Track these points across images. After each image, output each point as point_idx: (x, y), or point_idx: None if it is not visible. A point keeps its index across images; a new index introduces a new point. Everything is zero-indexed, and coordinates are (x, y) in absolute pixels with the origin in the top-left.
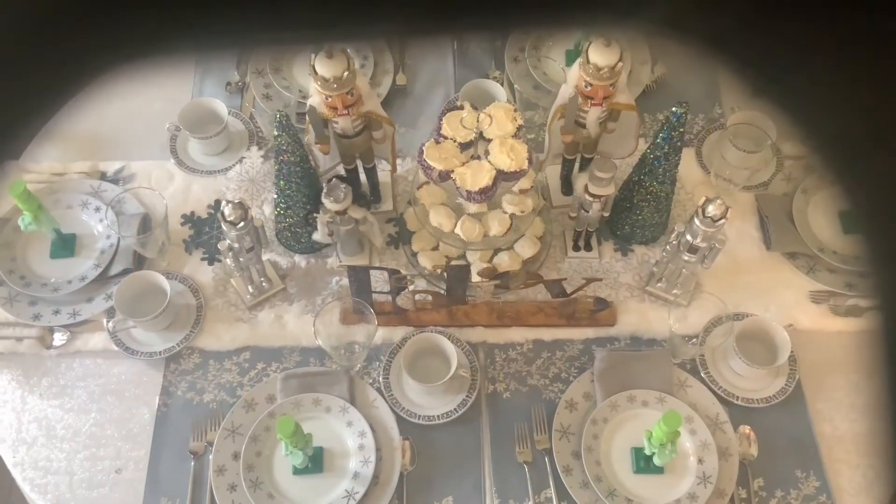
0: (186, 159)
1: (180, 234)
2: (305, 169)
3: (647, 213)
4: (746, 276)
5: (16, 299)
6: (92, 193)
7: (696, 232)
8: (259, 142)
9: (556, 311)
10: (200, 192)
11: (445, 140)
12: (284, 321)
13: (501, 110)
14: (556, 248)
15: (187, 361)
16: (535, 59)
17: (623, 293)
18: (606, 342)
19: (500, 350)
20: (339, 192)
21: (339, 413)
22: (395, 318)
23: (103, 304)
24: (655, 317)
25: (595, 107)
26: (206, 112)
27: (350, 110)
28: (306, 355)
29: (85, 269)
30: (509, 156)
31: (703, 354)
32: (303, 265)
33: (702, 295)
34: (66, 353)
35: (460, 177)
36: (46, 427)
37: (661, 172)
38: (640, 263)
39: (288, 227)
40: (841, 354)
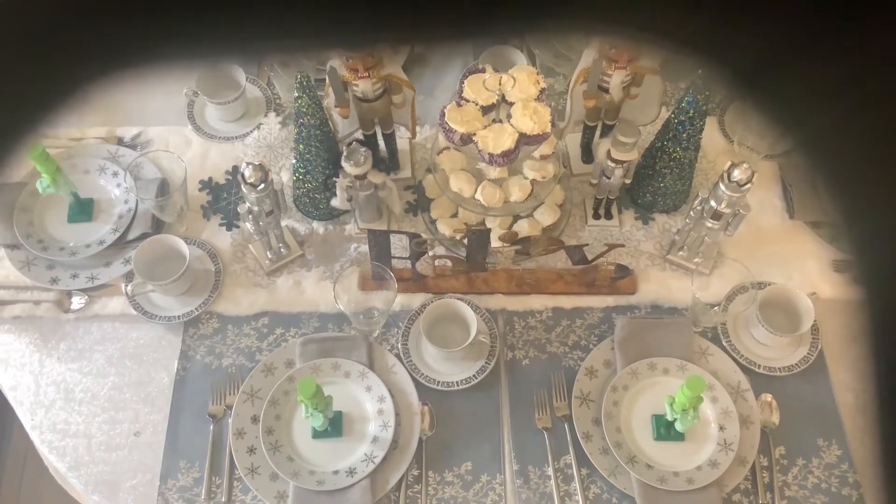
0: (204, 125)
1: (198, 200)
2: (325, 132)
3: (669, 180)
4: (769, 245)
5: (33, 263)
6: (109, 158)
7: (721, 197)
8: (277, 108)
9: (575, 279)
10: (218, 158)
11: (467, 103)
12: (303, 287)
13: (524, 73)
14: (575, 217)
15: (206, 326)
16: None
17: (644, 262)
18: (627, 310)
19: (519, 318)
20: (359, 156)
21: (358, 378)
22: (413, 285)
23: (121, 268)
24: (676, 285)
25: (619, 70)
26: (223, 78)
27: (370, 73)
28: (324, 321)
29: (103, 233)
30: (532, 119)
31: (725, 323)
32: (321, 232)
33: (724, 263)
34: (84, 316)
35: (482, 139)
36: (65, 390)
37: (684, 138)
38: (661, 232)
39: (306, 192)
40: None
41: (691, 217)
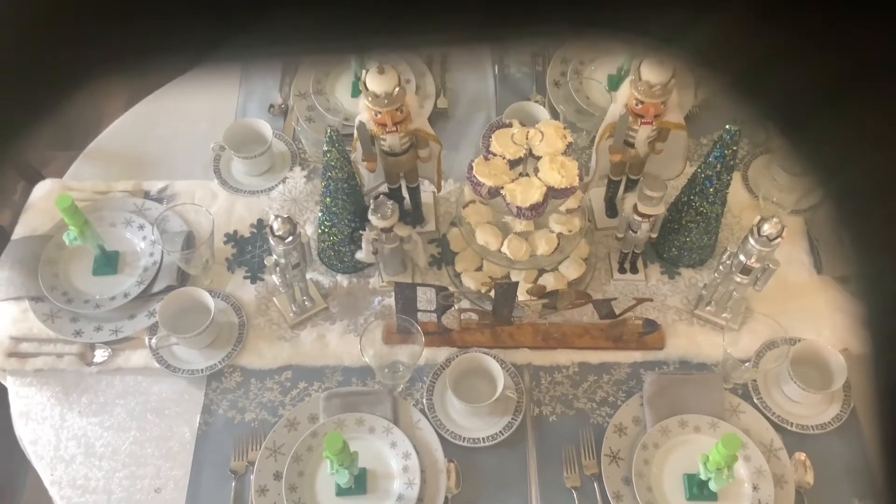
0: (230, 179)
1: (223, 253)
2: (352, 186)
3: (695, 234)
4: (797, 300)
5: (57, 315)
6: (135, 211)
7: (751, 252)
8: (302, 162)
9: (602, 334)
10: (244, 212)
11: (494, 157)
12: (327, 340)
13: (551, 127)
14: (600, 271)
15: (229, 380)
16: (577, 83)
17: (671, 317)
18: (655, 366)
19: (545, 373)
20: (386, 209)
21: (382, 433)
22: (438, 339)
23: (145, 321)
24: (705, 340)
25: (645, 125)
26: (250, 132)
27: (399, 127)
28: (348, 375)
29: (128, 285)
30: (560, 172)
31: (756, 379)
32: (345, 285)
33: (754, 318)
34: (107, 370)
35: (510, 193)
36: (85, 445)
37: (711, 192)
38: (688, 286)
39: (331, 245)
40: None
41: (720, 271)
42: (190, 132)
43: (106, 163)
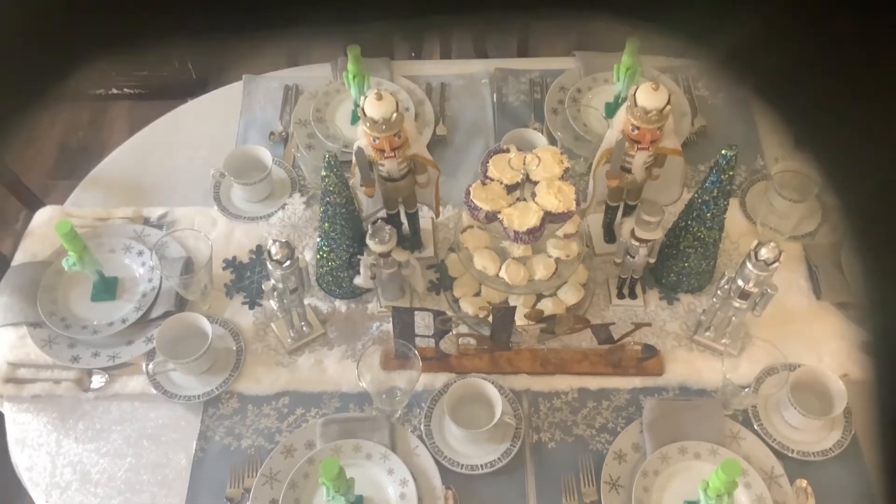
0: (229, 206)
1: (222, 279)
2: (350, 211)
3: (693, 260)
4: (796, 326)
5: (55, 341)
6: (135, 237)
7: (749, 276)
8: (301, 189)
9: (601, 359)
10: (242, 238)
11: (492, 182)
12: (324, 366)
13: (548, 153)
14: (599, 297)
15: (226, 406)
16: (574, 110)
17: (670, 342)
18: (654, 392)
19: (544, 398)
20: (384, 234)
21: (379, 460)
22: (436, 364)
23: (143, 346)
24: (705, 366)
25: (642, 151)
26: (250, 159)
27: (397, 152)
28: (346, 401)
29: (126, 311)
30: (557, 197)
31: (756, 405)
32: (343, 310)
33: (753, 343)
34: (104, 396)
35: (507, 217)
36: (81, 472)
37: (709, 217)
38: (687, 312)
39: (330, 270)
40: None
41: (718, 296)
42: (191, 159)
43: (107, 190)
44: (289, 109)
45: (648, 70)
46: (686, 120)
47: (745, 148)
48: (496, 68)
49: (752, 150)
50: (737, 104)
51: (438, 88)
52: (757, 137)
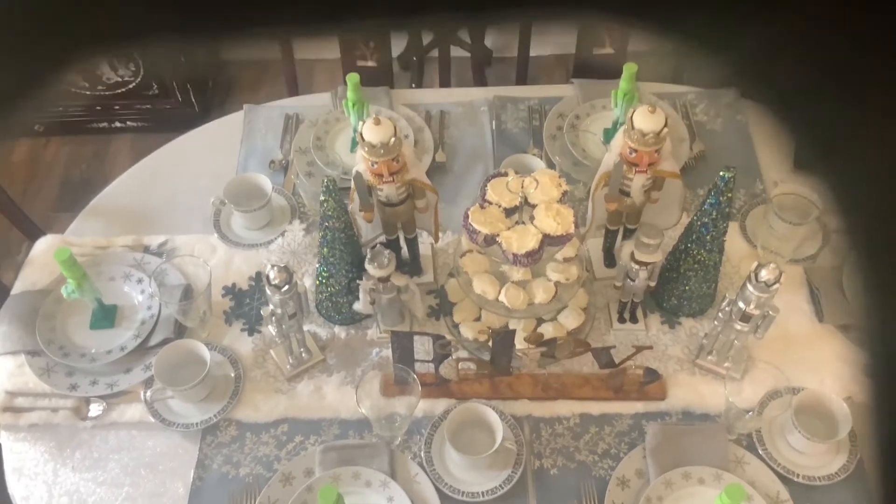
0: (229, 233)
1: (221, 306)
2: (349, 236)
3: (694, 283)
4: (799, 349)
5: (53, 370)
6: (135, 265)
7: (749, 298)
8: (301, 216)
9: (603, 384)
10: (242, 265)
11: (490, 205)
12: (324, 392)
13: (546, 176)
14: (600, 321)
15: (224, 434)
16: (573, 136)
17: (672, 366)
18: (657, 417)
19: (545, 424)
20: (383, 258)
21: (379, 488)
22: (436, 390)
23: (141, 374)
24: (707, 391)
25: (640, 174)
26: (250, 187)
27: (395, 177)
28: (345, 428)
29: (125, 339)
30: (555, 220)
31: (760, 429)
32: (343, 336)
33: (756, 366)
34: (102, 424)
35: (506, 240)
36: (78, 501)
37: (709, 240)
38: (689, 336)
39: (329, 296)
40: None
41: (719, 319)
42: (191, 188)
43: (107, 219)
44: (289, 138)
45: (646, 95)
46: (684, 145)
47: (744, 172)
48: (495, 96)
49: (751, 175)
50: (735, 129)
51: (437, 116)
52: (756, 161)
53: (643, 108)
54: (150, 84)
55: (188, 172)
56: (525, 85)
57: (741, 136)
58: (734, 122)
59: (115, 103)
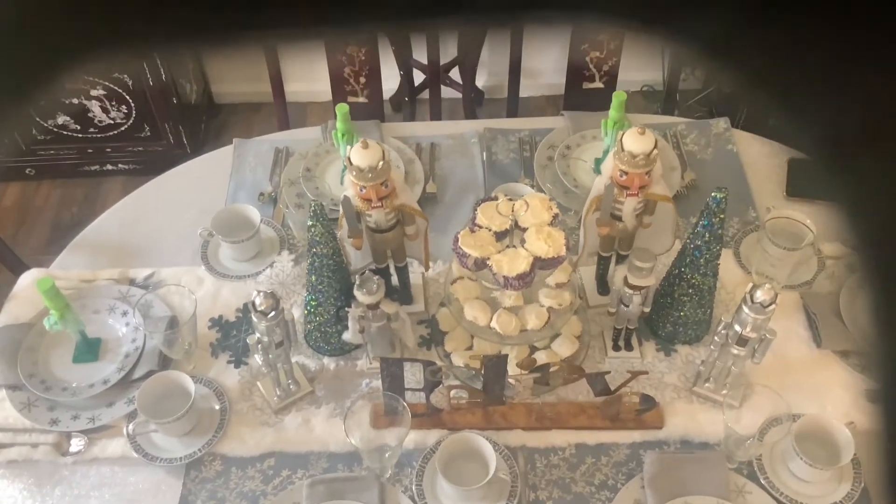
0: (217, 265)
1: (207, 338)
2: (338, 263)
3: (689, 308)
4: (798, 375)
5: (34, 404)
6: (120, 298)
7: (746, 321)
8: (290, 247)
9: (599, 412)
10: (230, 296)
11: (480, 229)
12: (312, 425)
13: (537, 199)
14: (595, 349)
15: (208, 469)
16: (564, 165)
17: (669, 394)
18: (655, 446)
19: (540, 455)
20: (371, 284)
21: None
22: (427, 421)
23: (124, 408)
24: (706, 419)
25: (631, 197)
26: (238, 218)
27: (384, 202)
28: (334, 461)
29: (108, 372)
30: (546, 242)
31: (761, 457)
32: (332, 368)
33: (755, 392)
34: (83, 460)
35: (497, 263)
36: None
37: (702, 263)
38: (685, 363)
39: (318, 326)
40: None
41: (716, 343)
42: (179, 222)
43: (93, 253)
44: (279, 171)
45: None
46: (676, 174)
47: (737, 200)
48: (485, 128)
49: (743, 202)
50: (726, 158)
51: (428, 148)
52: (748, 189)
53: (633, 130)
54: (142, 126)
55: (176, 206)
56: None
57: (732, 165)
58: (725, 152)
59: (107, 146)
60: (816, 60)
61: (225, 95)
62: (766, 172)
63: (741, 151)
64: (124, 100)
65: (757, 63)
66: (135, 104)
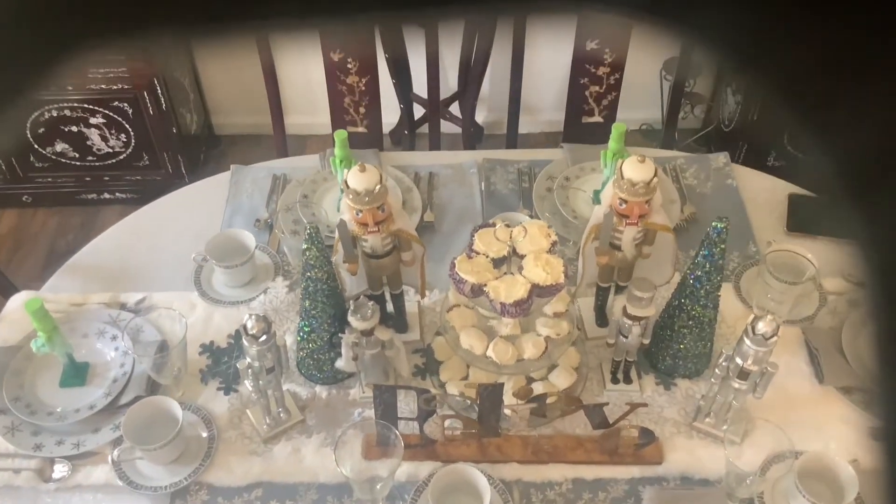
0: (210, 290)
1: (197, 364)
2: (332, 287)
3: (689, 341)
4: (800, 411)
5: (18, 429)
6: (109, 322)
7: (747, 353)
8: (285, 273)
9: (597, 446)
10: (222, 322)
11: (478, 255)
12: (302, 455)
13: (535, 226)
14: (593, 382)
15: (194, 498)
16: (563, 196)
17: (669, 429)
18: (654, 482)
19: (536, 489)
20: (366, 310)
21: None
22: (421, 452)
23: (110, 434)
24: (706, 454)
25: (630, 226)
26: (233, 243)
27: (380, 227)
28: (324, 493)
29: (94, 397)
30: (545, 269)
31: (763, 494)
32: (324, 396)
33: (756, 428)
34: (65, 486)
35: (494, 290)
36: None
37: (703, 294)
38: (685, 398)
39: (310, 353)
40: None
41: (716, 375)
42: (173, 247)
43: (85, 277)
44: (275, 198)
45: None
46: (675, 206)
47: (737, 234)
48: (484, 158)
49: (743, 237)
50: (726, 192)
51: (426, 177)
52: (748, 224)
53: (633, 158)
54: (141, 155)
55: (171, 231)
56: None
57: (732, 199)
58: (724, 186)
59: (105, 174)
60: (848, 75)
61: (225, 126)
62: (767, 207)
63: (741, 186)
64: (124, 128)
65: (780, 71)
66: (134, 133)
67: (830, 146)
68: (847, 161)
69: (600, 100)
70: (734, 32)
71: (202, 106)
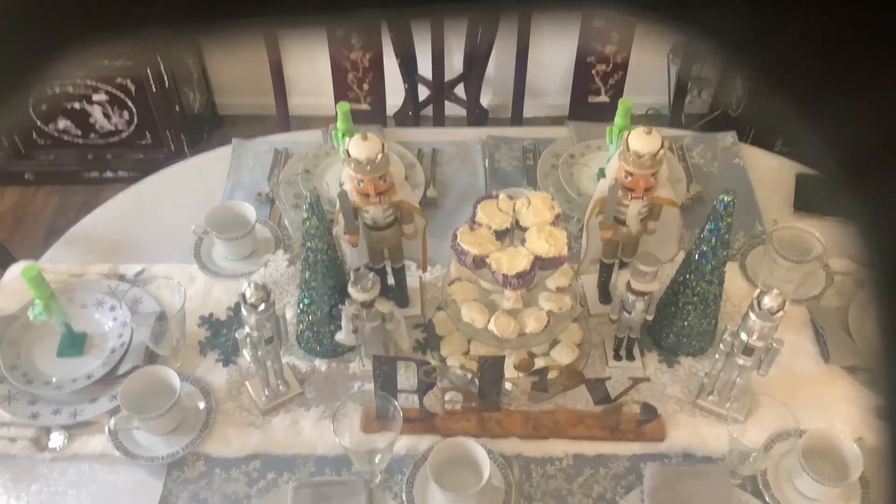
0: (210, 263)
1: (196, 336)
2: (332, 258)
3: (693, 318)
4: (805, 390)
5: (15, 397)
6: (108, 293)
7: (752, 328)
8: (286, 246)
9: (598, 422)
10: (221, 294)
11: (480, 227)
12: (300, 427)
13: (539, 198)
14: (595, 358)
15: (191, 469)
16: (568, 174)
17: (671, 407)
18: (656, 459)
19: (536, 464)
20: (366, 281)
21: None
22: (420, 426)
23: (107, 404)
24: (709, 432)
25: (636, 200)
26: (234, 216)
27: (382, 198)
28: (322, 465)
29: (92, 367)
30: (548, 241)
31: (766, 472)
32: (323, 369)
33: (760, 405)
34: (62, 456)
35: (496, 261)
36: None
37: (708, 270)
38: (689, 375)
39: (310, 325)
40: None
41: (721, 352)
42: (173, 219)
43: (85, 248)
44: (277, 172)
45: None
46: (681, 185)
47: (744, 213)
48: (488, 135)
49: (749, 216)
50: (733, 172)
51: (430, 154)
52: (755, 203)
53: (639, 129)
54: (144, 133)
55: (171, 204)
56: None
57: (739, 178)
58: (731, 166)
59: (108, 152)
60: (840, 64)
61: (228, 106)
62: (774, 187)
63: (748, 166)
64: (126, 106)
65: (775, 61)
66: (137, 111)
67: (825, 132)
68: (842, 147)
69: (607, 79)
70: (727, 22)
71: (206, 85)
